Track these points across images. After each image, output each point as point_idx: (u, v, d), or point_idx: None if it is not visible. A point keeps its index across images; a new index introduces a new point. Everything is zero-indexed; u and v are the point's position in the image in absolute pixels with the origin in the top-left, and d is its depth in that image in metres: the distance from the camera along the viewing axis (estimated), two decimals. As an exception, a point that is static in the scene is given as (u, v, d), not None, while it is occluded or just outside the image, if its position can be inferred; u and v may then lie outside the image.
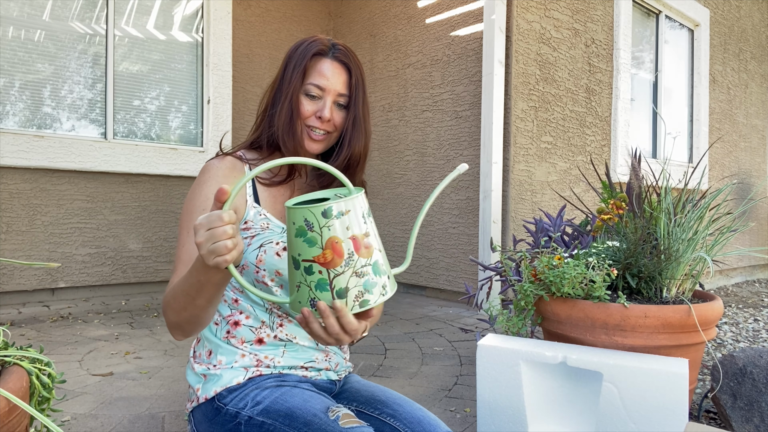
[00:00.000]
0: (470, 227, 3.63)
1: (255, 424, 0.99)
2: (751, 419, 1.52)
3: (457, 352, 2.50)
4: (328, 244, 0.75)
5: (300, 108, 1.16)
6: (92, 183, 3.62)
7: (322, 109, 1.15)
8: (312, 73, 1.16)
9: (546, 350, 1.42)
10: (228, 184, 1.13)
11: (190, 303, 0.94)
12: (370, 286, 0.76)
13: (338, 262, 0.75)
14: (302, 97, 1.16)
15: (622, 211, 1.84)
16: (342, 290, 0.75)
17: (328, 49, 1.17)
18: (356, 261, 0.76)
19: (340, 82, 1.17)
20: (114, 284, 3.72)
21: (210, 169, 1.15)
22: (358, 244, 0.76)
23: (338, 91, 1.16)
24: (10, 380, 0.77)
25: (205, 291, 0.92)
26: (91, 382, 1.99)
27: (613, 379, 1.32)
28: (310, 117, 1.16)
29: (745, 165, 5.84)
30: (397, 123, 4.25)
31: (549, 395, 1.44)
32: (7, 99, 3.36)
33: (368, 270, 0.76)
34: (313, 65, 1.16)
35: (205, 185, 1.12)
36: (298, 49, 1.19)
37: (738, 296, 4.58)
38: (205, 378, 1.10)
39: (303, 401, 1.01)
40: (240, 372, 1.09)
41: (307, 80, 1.16)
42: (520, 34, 3.53)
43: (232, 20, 4.23)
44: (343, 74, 1.17)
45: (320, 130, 1.17)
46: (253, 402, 1.03)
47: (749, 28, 5.87)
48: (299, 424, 0.96)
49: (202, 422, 1.09)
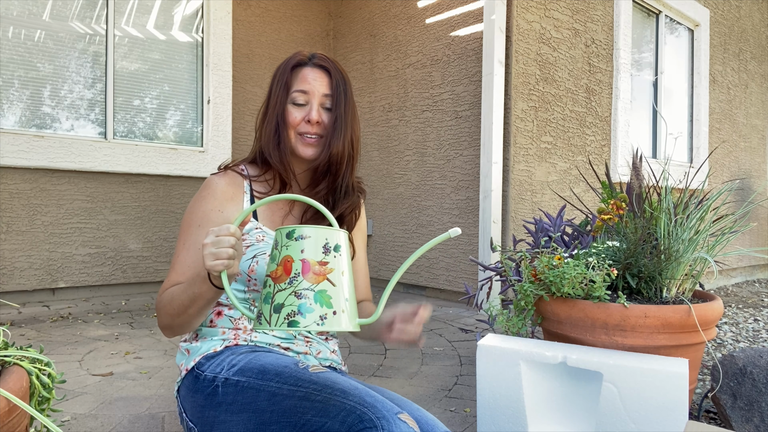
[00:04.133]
0: (470, 227, 3.63)
1: (231, 383, 1.04)
2: (751, 419, 1.52)
3: (457, 352, 2.50)
4: (281, 261, 0.81)
5: (288, 117, 1.21)
6: (92, 183, 3.62)
7: (309, 112, 1.20)
8: (294, 82, 1.22)
9: (546, 350, 1.42)
10: (227, 199, 1.22)
11: (183, 311, 1.04)
12: (306, 311, 0.78)
13: (284, 278, 0.80)
14: (289, 107, 1.22)
15: (622, 211, 1.84)
16: (278, 305, 0.79)
17: (307, 58, 1.24)
18: (299, 282, 0.80)
19: (323, 85, 1.22)
20: (114, 284, 3.72)
21: (210, 185, 1.22)
22: (307, 267, 0.80)
23: (322, 92, 1.21)
24: (10, 380, 0.77)
25: (197, 303, 1.01)
26: (91, 382, 1.99)
27: (613, 379, 1.32)
28: (299, 123, 1.21)
29: (745, 165, 5.84)
30: (397, 123, 4.25)
31: (549, 395, 1.44)
32: (7, 99, 3.36)
33: (309, 294, 0.79)
34: (294, 75, 1.23)
35: (204, 201, 1.20)
36: (280, 66, 1.26)
37: (738, 296, 4.58)
38: (189, 353, 1.18)
39: (275, 358, 1.07)
40: (218, 342, 1.15)
41: (291, 89, 1.22)
42: (520, 34, 3.53)
43: (232, 20, 4.23)
44: (324, 77, 1.22)
45: (312, 134, 1.21)
46: (229, 365, 1.08)
47: (749, 28, 5.87)
48: (271, 375, 1.01)
49: (186, 396, 1.13)
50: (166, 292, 1.11)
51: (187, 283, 1.04)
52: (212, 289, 0.98)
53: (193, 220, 1.19)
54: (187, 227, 1.19)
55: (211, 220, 1.18)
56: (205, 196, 1.21)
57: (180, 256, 1.17)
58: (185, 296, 1.03)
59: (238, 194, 1.23)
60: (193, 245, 1.17)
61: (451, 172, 3.79)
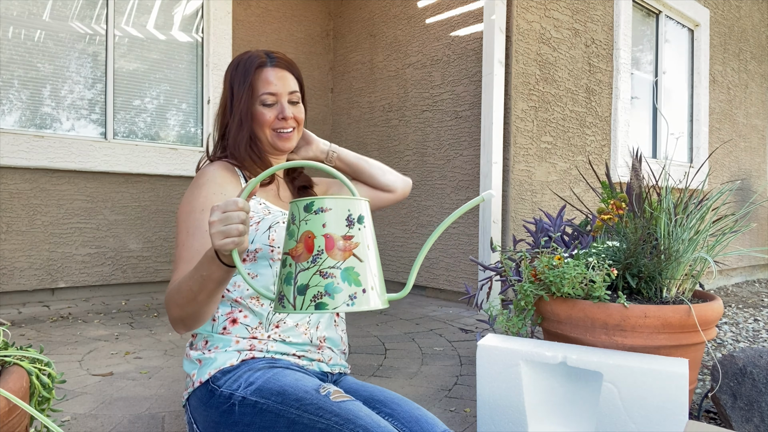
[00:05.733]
0: (470, 227, 3.63)
1: (249, 404, 1.02)
2: (751, 419, 1.52)
3: (457, 352, 2.50)
4: (301, 237, 0.75)
5: (261, 118, 1.25)
6: (92, 183, 3.62)
7: (281, 110, 1.25)
8: (259, 84, 1.25)
9: (546, 350, 1.42)
10: (226, 182, 1.20)
11: (192, 299, 0.98)
12: (333, 291, 0.72)
13: (305, 256, 0.74)
14: (260, 108, 1.25)
15: (622, 211, 1.84)
16: (302, 286, 0.73)
17: (267, 59, 1.27)
18: (324, 260, 0.73)
19: (288, 84, 1.27)
20: (114, 284, 3.72)
21: (206, 173, 1.21)
22: (331, 243, 0.74)
23: (288, 90, 1.27)
24: (10, 380, 0.77)
25: (206, 287, 0.95)
26: (91, 382, 1.99)
27: (613, 379, 1.32)
28: (273, 121, 1.26)
29: (745, 165, 5.84)
30: (397, 123, 4.25)
31: (549, 395, 1.44)
32: (7, 99, 3.36)
33: (336, 273, 0.73)
34: (258, 78, 1.25)
35: (203, 188, 1.17)
36: (237, 69, 1.28)
37: (738, 296, 4.58)
38: (200, 363, 1.13)
39: (295, 380, 1.04)
40: (233, 354, 1.11)
41: (259, 92, 1.25)
42: (520, 34, 3.53)
43: (232, 20, 4.23)
44: (287, 76, 1.28)
45: (287, 128, 1.27)
46: (246, 383, 1.05)
47: (749, 28, 5.87)
48: (291, 400, 0.98)
49: (197, 408, 1.11)
50: (174, 283, 1.06)
51: (194, 267, 0.98)
52: (222, 268, 0.92)
53: (195, 206, 1.14)
54: (187, 215, 1.14)
55: (214, 203, 1.13)
56: (203, 183, 1.18)
57: (185, 244, 1.11)
58: (193, 282, 0.97)
59: (235, 178, 1.23)
60: (198, 230, 1.11)
61: (451, 172, 3.79)
